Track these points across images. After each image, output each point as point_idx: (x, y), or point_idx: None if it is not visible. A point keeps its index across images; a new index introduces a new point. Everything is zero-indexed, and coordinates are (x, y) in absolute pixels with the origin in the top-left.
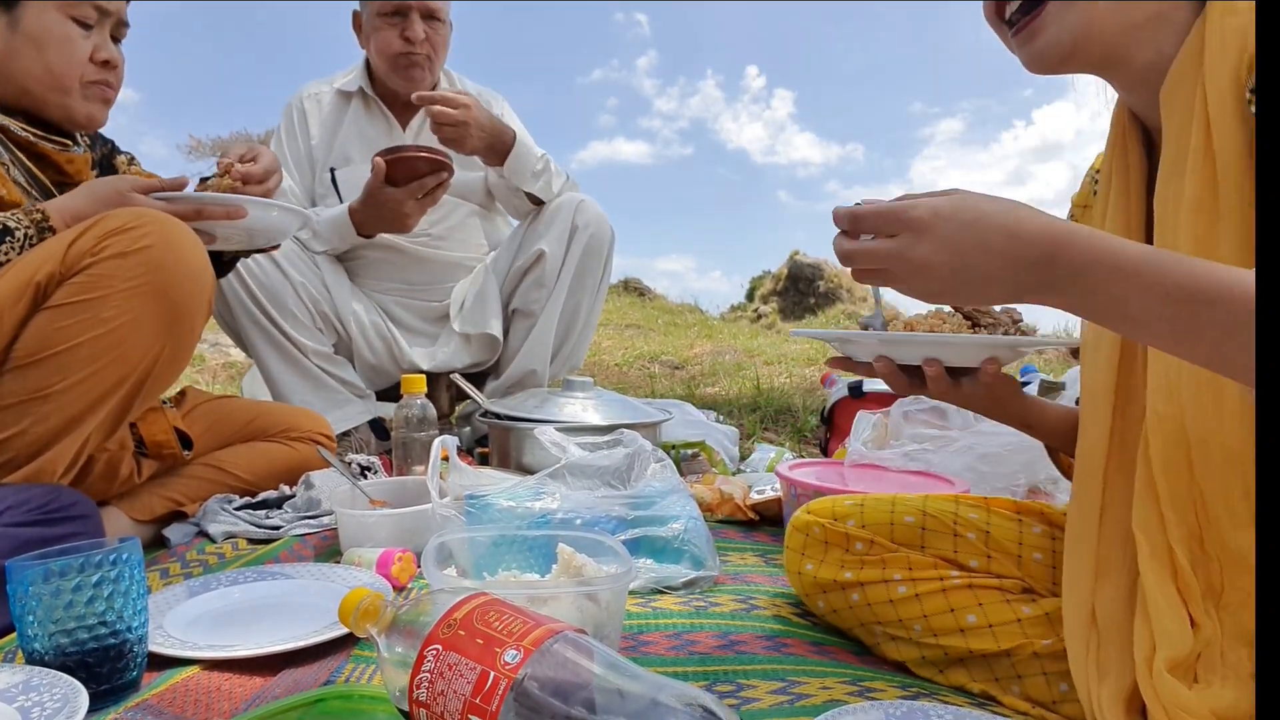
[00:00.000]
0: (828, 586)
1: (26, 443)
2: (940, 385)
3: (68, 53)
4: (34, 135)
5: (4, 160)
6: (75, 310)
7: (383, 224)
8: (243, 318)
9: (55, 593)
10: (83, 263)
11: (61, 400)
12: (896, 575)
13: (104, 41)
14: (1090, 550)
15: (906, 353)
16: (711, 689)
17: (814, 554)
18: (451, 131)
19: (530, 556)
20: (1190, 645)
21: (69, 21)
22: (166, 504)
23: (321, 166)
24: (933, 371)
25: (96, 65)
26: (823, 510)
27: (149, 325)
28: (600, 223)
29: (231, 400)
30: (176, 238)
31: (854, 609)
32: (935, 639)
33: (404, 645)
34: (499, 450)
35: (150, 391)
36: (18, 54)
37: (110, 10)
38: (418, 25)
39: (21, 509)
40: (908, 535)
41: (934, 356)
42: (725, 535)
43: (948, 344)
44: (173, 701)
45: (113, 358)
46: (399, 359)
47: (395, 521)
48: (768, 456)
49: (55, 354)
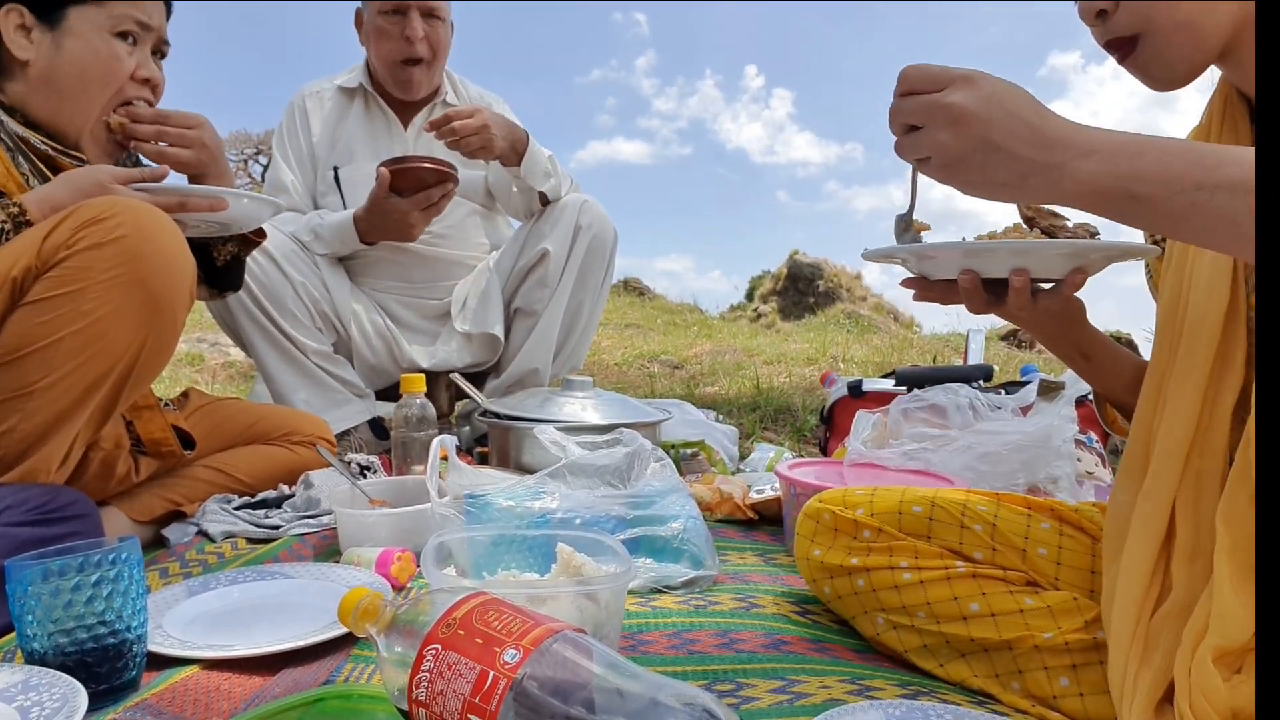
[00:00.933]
0: (834, 571)
1: (15, 441)
2: (1023, 299)
3: (111, 70)
4: (53, 149)
5: (24, 170)
6: (55, 304)
7: (387, 233)
8: (242, 317)
9: (54, 592)
10: (59, 255)
11: (47, 396)
12: (902, 563)
13: (145, 59)
14: (1157, 534)
15: (993, 264)
16: (711, 688)
17: (823, 540)
18: (476, 140)
19: (529, 556)
20: (1248, 638)
21: (112, 38)
22: (166, 504)
23: (324, 164)
24: (1019, 282)
25: (137, 82)
26: (834, 499)
27: (130, 316)
28: (603, 223)
29: (234, 403)
30: (152, 226)
31: (859, 594)
32: (938, 625)
33: (403, 645)
34: (498, 450)
35: (137, 383)
36: (59, 71)
37: (152, 25)
38: (417, 24)
39: (20, 509)
40: (915, 525)
41: (1022, 265)
42: (725, 535)
43: (1037, 251)
44: (172, 701)
45: (96, 350)
46: (399, 358)
47: (394, 521)
48: (767, 456)
49: (37, 350)
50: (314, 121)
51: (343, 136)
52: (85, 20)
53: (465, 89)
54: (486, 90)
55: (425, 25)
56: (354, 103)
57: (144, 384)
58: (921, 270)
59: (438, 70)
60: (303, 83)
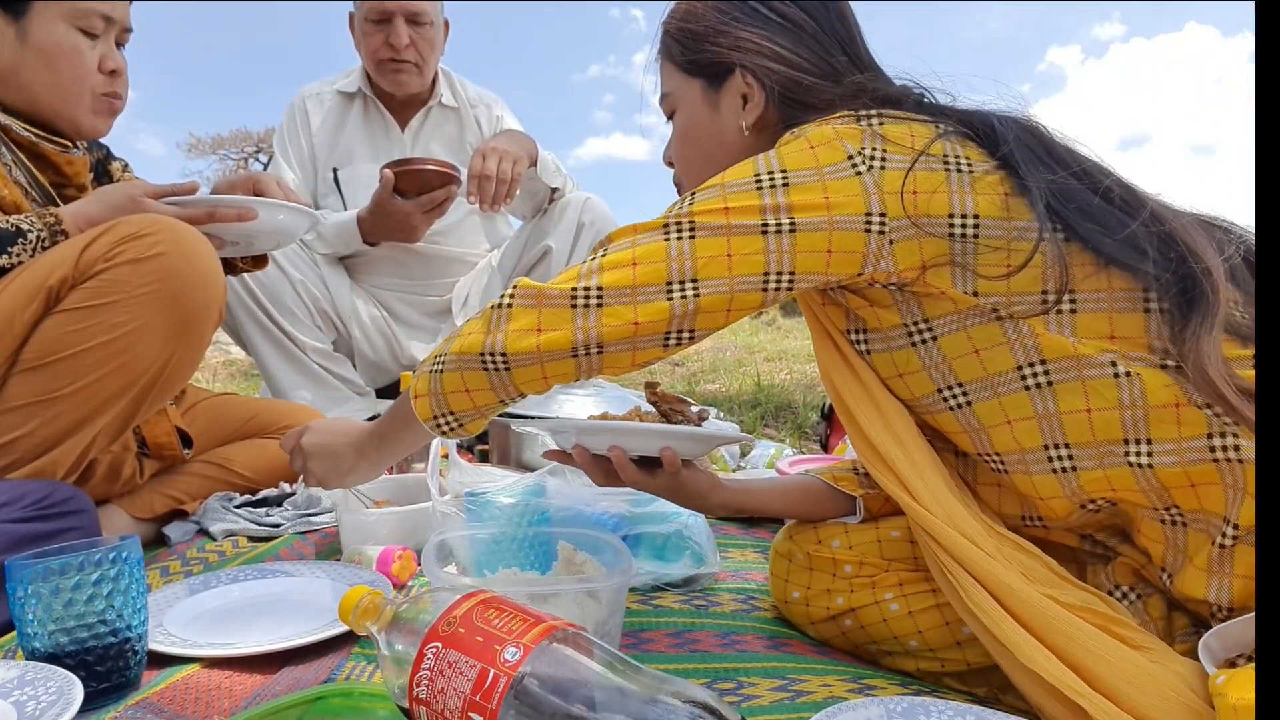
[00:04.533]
0: (817, 619)
1: (33, 444)
2: (629, 473)
3: (77, 64)
4: (35, 136)
5: (6, 161)
6: (86, 315)
7: (391, 234)
8: (242, 315)
9: (55, 591)
10: (96, 268)
11: (69, 403)
12: (887, 595)
13: (110, 50)
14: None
15: (597, 441)
16: (712, 686)
17: (799, 579)
18: (506, 175)
19: (530, 554)
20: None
21: (76, 32)
22: (167, 502)
23: (324, 166)
24: (615, 456)
25: (105, 75)
26: (805, 538)
27: (159, 331)
28: (606, 220)
29: (231, 398)
30: (190, 245)
31: (847, 634)
32: (932, 653)
33: (404, 643)
34: (499, 448)
35: (158, 397)
36: (26, 65)
37: (115, 18)
38: (402, 31)
39: (17, 504)
40: (897, 551)
41: (618, 444)
42: (726, 532)
43: (630, 432)
44: (173, 699)
45: (121, 363)
46: (399, 354)
47: (396, 519)
48: (768, 453)
49: (65, 358)
50: (314, 123)
51: (342, 139)
52: (49, 13)
53: (463, 89)
54: (485, 89)
55: (411, 31)
56: (352, 106)
57: (165, 398)
58: (556, 443)
59: (428, 72)
60: (303, 82)
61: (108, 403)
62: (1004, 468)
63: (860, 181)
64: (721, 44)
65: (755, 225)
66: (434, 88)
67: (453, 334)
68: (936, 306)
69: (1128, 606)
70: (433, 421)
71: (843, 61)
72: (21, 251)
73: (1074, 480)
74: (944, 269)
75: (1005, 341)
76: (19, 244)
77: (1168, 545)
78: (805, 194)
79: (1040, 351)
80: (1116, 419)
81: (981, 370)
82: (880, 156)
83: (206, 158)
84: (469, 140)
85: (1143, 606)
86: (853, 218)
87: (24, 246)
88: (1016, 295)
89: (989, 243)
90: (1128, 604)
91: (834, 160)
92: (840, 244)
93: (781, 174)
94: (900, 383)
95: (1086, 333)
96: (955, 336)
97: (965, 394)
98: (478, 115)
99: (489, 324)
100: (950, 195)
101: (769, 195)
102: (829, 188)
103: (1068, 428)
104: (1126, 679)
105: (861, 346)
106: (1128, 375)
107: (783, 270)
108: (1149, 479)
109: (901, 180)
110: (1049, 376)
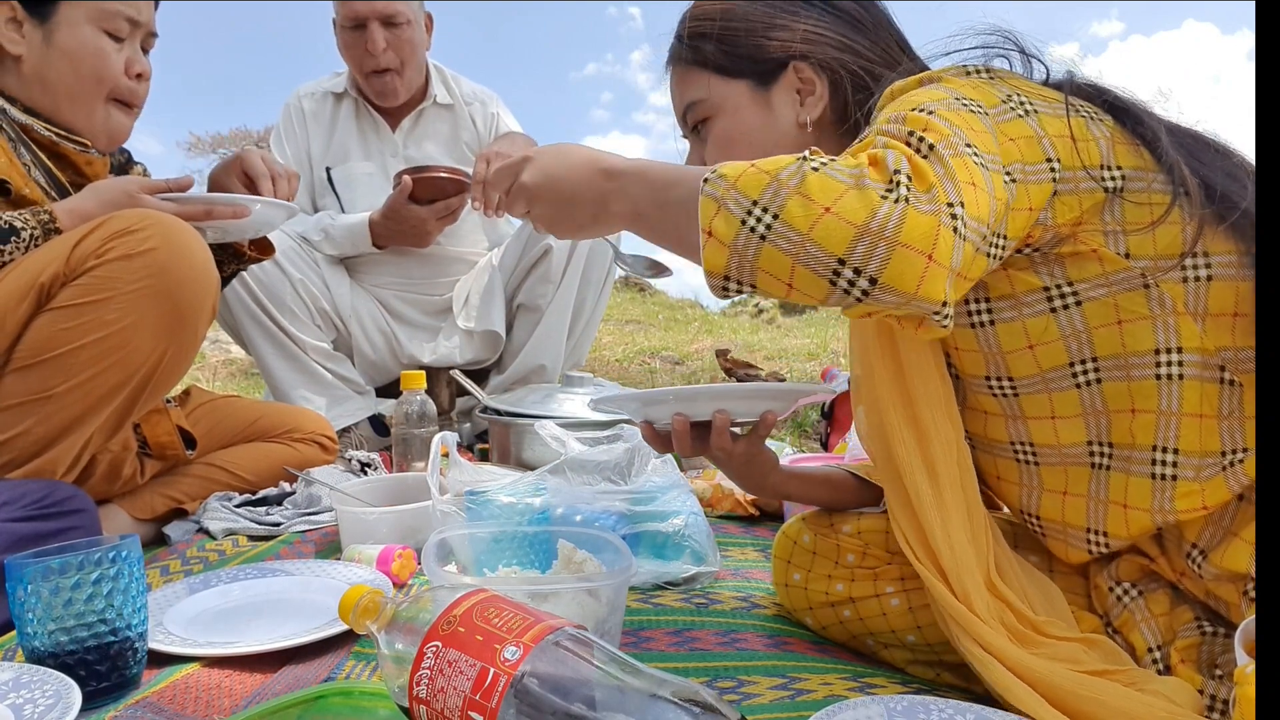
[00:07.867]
0: (816, 604)
1: (29, 443)
2: (723, 439)
3: (101, 67)
4: (56, 135)
5: (26, 160)
6: (79, 312)
7: (403, 239)
8: (241, 315)
9: (55, 590)
10: (87, 264)
11: (64, 401)
12: (889, 588)
13: (136, 54)
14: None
15: (699, 408)
16: (712, 685)
17: (801, 562)
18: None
19: (530, 552)
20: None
21: (102, 35)
22: (168, 502)
23: (318, 165)
24: (720, 420)
25: (131, 79)
26: (818, 519)
27: (152, 328)
28: None
29: (235, 400)
30: (182, 241)
31: (845, 624)
32: (929, 648)
33: (404, 642)
34: (499, 446)
35: (153, 393)
36: (52, 66)
37: (141, 20)
38: (378, 36)
39: (17, 504)
40: None
41: (723, 409)
42: (726, 530)
43: (733, 395)
44: (173, 699)
45: (115, 360)
46: (399, 353)
47: (395, 518)
48: None
49: (58, 355)
50: (310, 123)
51: (335, 138)
52: (76, 15)
53: (457, 85)
54: (480, 86)
55: (387, 35)
56: (343, 106)
57: (160, 394)
58: (647, 416)
59: (412, 74)
60: (304, 79)
61: (103, 400)
62: (1107, 463)
63: (1026, 124)
64: (778, 38)
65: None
66: (426, 87)
67: (782, 182)
68: (1084, 268)
69: (1128, 604)
70: (720, 279)
71: (897, 51)
72: (15, 249)
73: (1169, 490)
74: (1095, 226)
75: (1149, 316)
76: (12, 242)
77: (1207, 523)
78: (986, 139)
79: (1179, 338)
80: (1215, 429)
81: (1120, 346)
82: (1025, 100)
83: (207, 156)
84: (464, 139)
85: (1144, 603)
86: (1037, 166)
87: (17, 244)
88: (1163, 259)
89: (1133, 196)
90: (1128, 601)
91: (993, 101)
92: (1037, 199)
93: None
94: (1027, 356)
95: (1216, 307)
96: (1102, 303)
97: (1098, 370)
98: (473, 113)
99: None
100: (1098, 143)
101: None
102: (1003, 130)
103: (1182, 431)
104: (1120, 712)
105: (982, 317)
106: (1231, 384)
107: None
108: (1239, 479)
109: (1063, 125)
110: (1182, 369)
